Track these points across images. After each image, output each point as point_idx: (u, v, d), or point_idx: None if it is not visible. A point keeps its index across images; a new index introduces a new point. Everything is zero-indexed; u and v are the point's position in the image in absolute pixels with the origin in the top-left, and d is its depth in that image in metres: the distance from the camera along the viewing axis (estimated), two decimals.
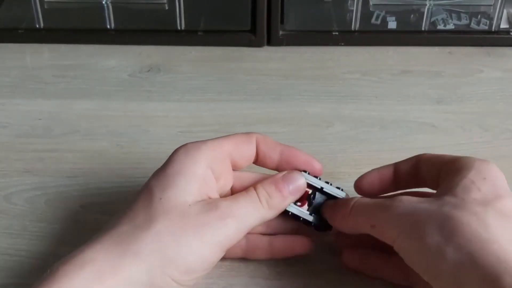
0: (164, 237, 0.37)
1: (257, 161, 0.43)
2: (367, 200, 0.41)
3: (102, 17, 0.68)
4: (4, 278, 0.43)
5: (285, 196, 0.41)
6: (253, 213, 0.40)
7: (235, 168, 0.43)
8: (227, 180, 0.42)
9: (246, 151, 0.43)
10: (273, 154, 0.43)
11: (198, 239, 0.37)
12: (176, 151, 0.41)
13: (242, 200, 0.40)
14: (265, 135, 0.44)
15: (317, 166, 0.43)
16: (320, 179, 0.43)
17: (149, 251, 0.36)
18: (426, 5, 0.68)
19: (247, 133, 0.43)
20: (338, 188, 0.43)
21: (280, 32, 0.69)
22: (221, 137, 0.42)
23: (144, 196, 0.39)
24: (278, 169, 0.43)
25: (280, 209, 0.41)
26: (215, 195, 0.41)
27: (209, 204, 0.39)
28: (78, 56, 0.68)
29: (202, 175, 0.40)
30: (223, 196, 0.42)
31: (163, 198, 0.38)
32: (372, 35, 0.70)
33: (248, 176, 0.43)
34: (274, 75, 0.65)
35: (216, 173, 0.41)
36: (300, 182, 0.42)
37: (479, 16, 0.69)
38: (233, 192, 0.43)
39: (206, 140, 0.41)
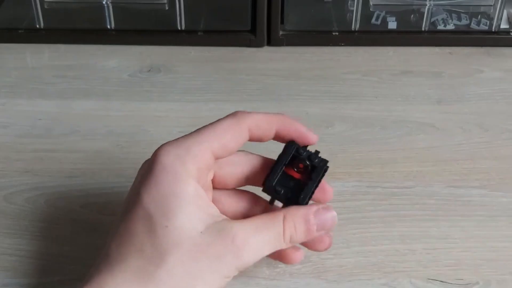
0: (178, 273, 0.34)
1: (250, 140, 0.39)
2: None
3: (102, 17, 0.68)
4: (4, 278, 0.43)
5: (312, 236, 0.38)
6: (272, 246, 0.37)
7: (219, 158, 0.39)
8: (210, 177, 0.39)
9: (235, 146, 0.38)
10: (268, 134, 0.39)
11: (212, 272, 0.35)
12: (158, 160, 0.36)
13: (264, 229, 0.36)
14: (256, 115, 0.39)
15: (312, 140, 0.40)
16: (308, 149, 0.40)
17: None
18: (426, 5, 0.68)
19: (236, 121, 0.39)
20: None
21: (280, 32, 0.69)
22: (204, 131, 0.38)
23: (143, 221, 0.35)
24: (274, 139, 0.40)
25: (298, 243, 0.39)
26: (211, 207, 0.37)
27: (223, 231, 0.35)
28: (78, 56, 0.68)
29: (200, 192, 0.36)
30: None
31: (169, 226, 0.34)
32: (372, 35, 0.70)
33: (240, 160, 0.40)
34: (274, 75, 0.65)
35: (204, 182, 0.38)
36: (331, 222, 0.38)
37: (479, 17, 0.69)
38: (217, 179, 0.40)
39: (187, 141, 0.37)
